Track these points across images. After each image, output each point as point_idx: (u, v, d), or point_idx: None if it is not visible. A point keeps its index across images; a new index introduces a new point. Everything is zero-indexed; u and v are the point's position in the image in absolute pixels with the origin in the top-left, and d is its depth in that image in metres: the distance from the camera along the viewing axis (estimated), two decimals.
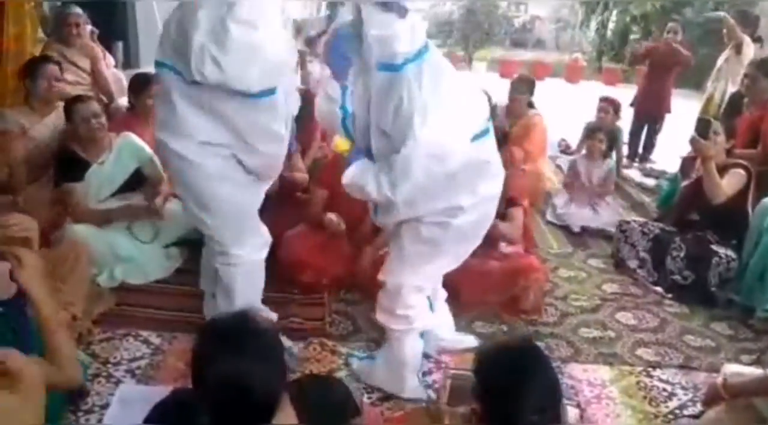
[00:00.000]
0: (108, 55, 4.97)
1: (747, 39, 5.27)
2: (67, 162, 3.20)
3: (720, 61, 5.45)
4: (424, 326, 2.47)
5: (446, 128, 2.04)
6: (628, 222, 3.79)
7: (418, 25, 2.06)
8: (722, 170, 3.37)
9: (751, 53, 5.13)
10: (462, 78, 2.31)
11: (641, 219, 3.93)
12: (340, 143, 2.17)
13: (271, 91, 2.21)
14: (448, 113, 2.05)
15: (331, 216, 3.19)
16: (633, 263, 3.65)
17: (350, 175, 2.17)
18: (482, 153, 2.21)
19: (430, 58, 2.08)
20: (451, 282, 2.73)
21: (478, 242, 2.40)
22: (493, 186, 2.29)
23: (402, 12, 2.00)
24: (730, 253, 3.38)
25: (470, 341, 2.78)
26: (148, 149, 3.35)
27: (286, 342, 2.52)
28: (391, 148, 2.08)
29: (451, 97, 2.09)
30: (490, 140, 2.26)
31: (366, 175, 2.13)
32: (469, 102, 2.22)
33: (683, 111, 5.88)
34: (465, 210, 2.19)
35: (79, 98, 3.32)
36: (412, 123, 1.99)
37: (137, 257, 3.17)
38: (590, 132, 4.74)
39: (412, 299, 2.34)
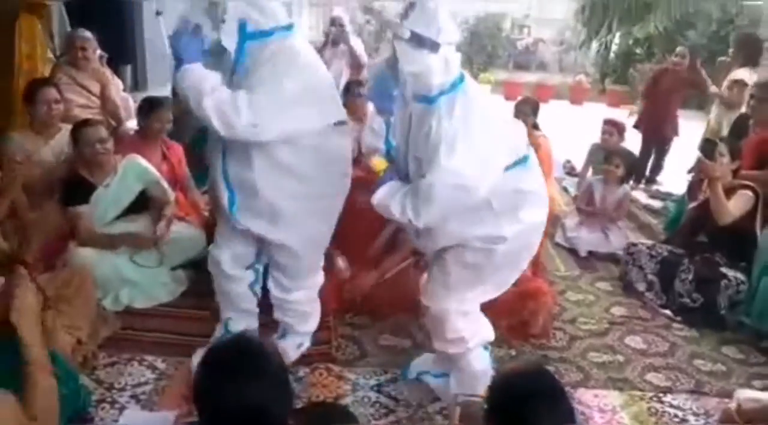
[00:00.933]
0: (116, 78, 5.02)
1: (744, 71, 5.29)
2: (73, 186, 3.21)
3: (723, 88, 5.46)
4: (484, 339, 2.48)
5: (474, 158, 2.06)
6: (635, 245, 3.77)
7: (452, 57, 2.11)
8: (729, 191, 3.36)
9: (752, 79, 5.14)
10: (498, 107, 2.36)
11: (649, 242, 3.91)
12: (378, 163, 2.21)
13: None
14: (479, 144, 2.08)
15: (340, 263, 3.19)
16: (641, 286, 3.62)
17: (380, 195, 2.21)
18: (520, 182, 2.23)
19: (465, 88, 2.13)
20: None
21: (521, 270, 2.45)
22: (536, 215, 2.31)
23: (434, 47, 2.04)
24: (740, 275, 3.35)
25: None
26: (153, 171, 3.36)
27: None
28: (421, 174, 2.13)
29: (484, 128, 2.12)
30: (530, 169, 2.29)
31: (393, 197, 2.17)
32: (504, 132, 2.25)
33: (687, 132, 5.87)
34: (507, 238, 2.22)
35: (86, 122, 3.34)
36: (438, 152, 2.04)
37: (143, 281, 3.16)
38: (606, 157, 4.67)
39: (460, 324, 2.37)
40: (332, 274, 3.17)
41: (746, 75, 5.20)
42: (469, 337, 2.40)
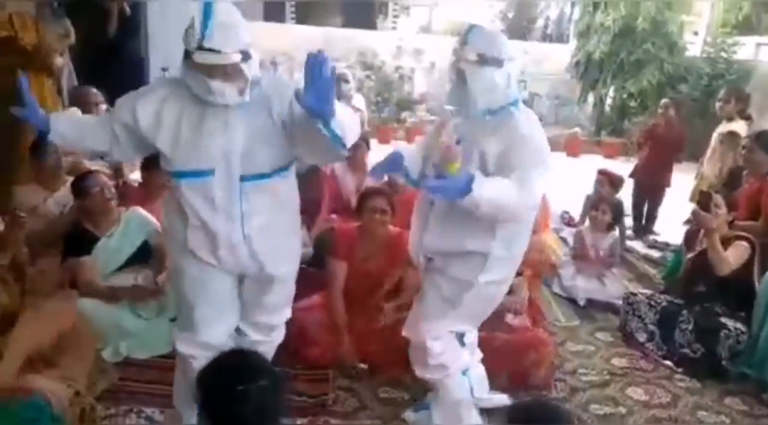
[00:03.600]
0: None
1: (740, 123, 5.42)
2: (75, 237, 3.24)
3: (713, 141, 5.57)
4: (463, 365, 2.57)
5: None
6: (635, 294, 3.78)
7: (513, 73, 2.28)
8: (726, 242, 3.39)
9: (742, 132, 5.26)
10: None
11: (648, 291, 3.91)
12: (452, 166, 2.18)
13: None
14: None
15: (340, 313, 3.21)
16: (642, 337, 3.62)
17: (481, 193, 2.02)
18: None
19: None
20: None
21: (495, 305, 2.58)
22: (521, 249, 2.49)
23: (499, 63, 2.22)
24: (739, 325, 3.35)
25: (503, 399, 2.79)
26: (155, 222, 3.40)
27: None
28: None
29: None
30: None
31: (502, 182, 2.11)
32: None
33: (684, 183, 5.95)
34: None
35: (87, 173, 3.40)
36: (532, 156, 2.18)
37: (142, 332, 3.15)
38: (594, 204, 4.78)
39: (437, 348, 2.47)
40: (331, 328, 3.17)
41: (740, 127, 5.33)
42: (448, 363, 2.49)
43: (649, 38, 9.72)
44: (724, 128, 5.45)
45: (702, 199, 3.50)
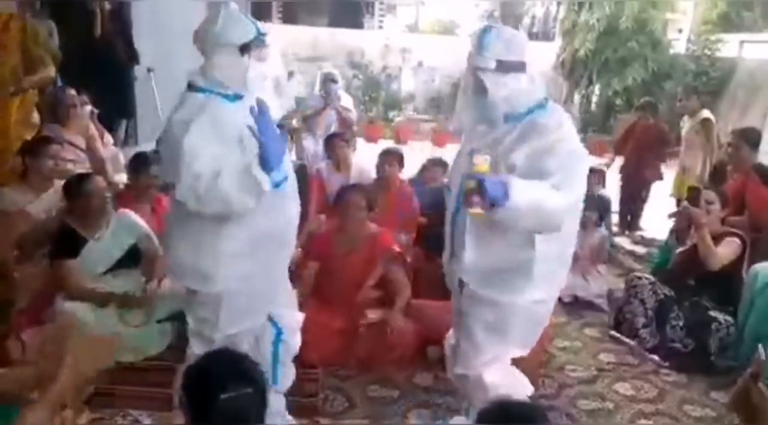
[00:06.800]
0: (107, 134, 5.09)
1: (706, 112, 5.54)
2: (63, 238, 3.21)
3: (687, 135, 5.66)
4: (523, 394, 2.41)
5: None
6: (639, 278, 3.74)
7: (537, 76, 2.16)
8: (716, 238, 3.41)
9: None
10: None
11: (650, 277, 3.82)
12: (481, 167, 1.99)
13: None
14: None
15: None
16: (639, 321, 3.58)
17: (520, 197, 1.93)
18: None
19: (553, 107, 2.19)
20: None
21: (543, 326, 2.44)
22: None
23: (521, 67, 2.08)
24: (729, 318, 3.37)
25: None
26: (145, 226, 3.38)
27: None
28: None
29: None
30: None
31: (541, 186, 1.99)
32: None
33: (665, 178, 6.00)
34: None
35: (84, 176, 3.38)
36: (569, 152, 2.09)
37: (129, 336, 3.12)
38: None
39: (495, 378, 2.32)
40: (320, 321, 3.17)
41: (710, 114, 5.46)
42: (509, 392, 2.32)
43: (633, 36, 9.81)
44: (694, 120, 5.55)
45: (692, 194, 3.53)
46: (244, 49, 2.09)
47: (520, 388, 2.37)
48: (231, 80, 2.12)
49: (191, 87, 2.14)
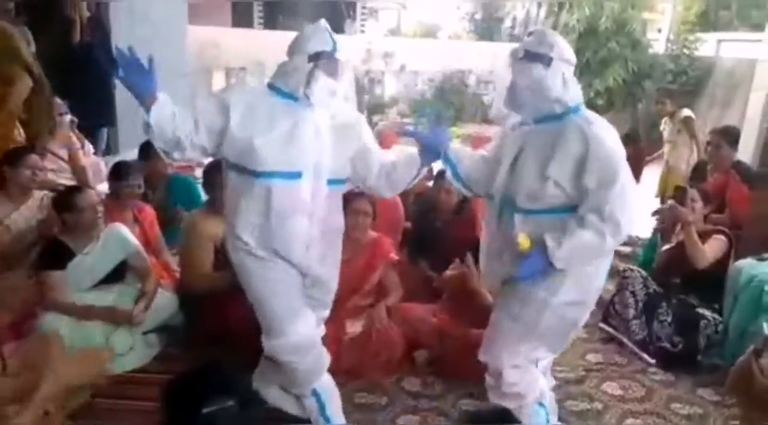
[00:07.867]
0: (87, 143, 5.03)
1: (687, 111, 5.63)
2: (50, 250, 3.15)
3: (668, 135, 5.73)
4: (541, 396, 2.51)
5: None
6: (632, 270, 3.73)
7: (570, 77, 2.22)
8: (702, 236, 3.43)
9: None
10: None
11: (642, 271, 3.78)
12: (523, 241, 2.18)
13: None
14: None
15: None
16: (630, 312, 3.57)
17: (563, 257, 2.15)
18: None
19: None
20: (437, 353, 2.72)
21: (578, 327, 2.50)
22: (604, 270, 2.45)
23: (547, 61, 2.17)
24: (717, 316, 3.39)
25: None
26: (135, 241, 3.32)
27: None
28: (566, 197, 2.17)
29: None
30: None
31: (581, 237, 2.13)
32: None
33: (647, 177, 6.06)
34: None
35: (75, 189, 3.33)
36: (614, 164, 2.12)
37: (114, 348, 3.07)
38: None
39: (514, 377, 2.40)
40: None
41: (689, 112, 5.55)
42: (525, 392, 2.43)
43: (613, 37, 9.91)
44: (675, 120, 5.63)
45: (678, 193, 3.55)
46: (313, 58, 2.24)
47: (536, 393, 2.47)
48: (289, 81, 2.26)
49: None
